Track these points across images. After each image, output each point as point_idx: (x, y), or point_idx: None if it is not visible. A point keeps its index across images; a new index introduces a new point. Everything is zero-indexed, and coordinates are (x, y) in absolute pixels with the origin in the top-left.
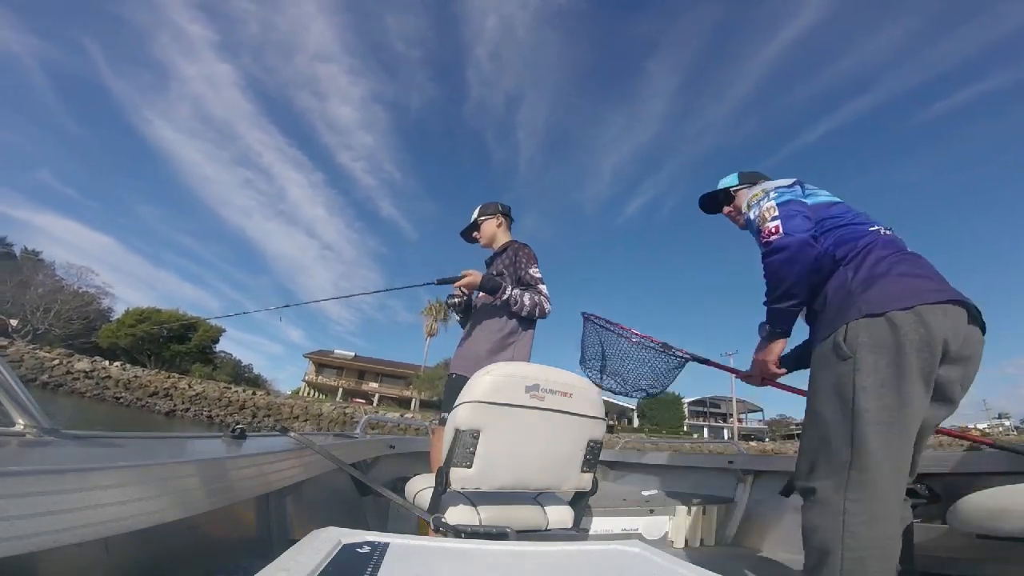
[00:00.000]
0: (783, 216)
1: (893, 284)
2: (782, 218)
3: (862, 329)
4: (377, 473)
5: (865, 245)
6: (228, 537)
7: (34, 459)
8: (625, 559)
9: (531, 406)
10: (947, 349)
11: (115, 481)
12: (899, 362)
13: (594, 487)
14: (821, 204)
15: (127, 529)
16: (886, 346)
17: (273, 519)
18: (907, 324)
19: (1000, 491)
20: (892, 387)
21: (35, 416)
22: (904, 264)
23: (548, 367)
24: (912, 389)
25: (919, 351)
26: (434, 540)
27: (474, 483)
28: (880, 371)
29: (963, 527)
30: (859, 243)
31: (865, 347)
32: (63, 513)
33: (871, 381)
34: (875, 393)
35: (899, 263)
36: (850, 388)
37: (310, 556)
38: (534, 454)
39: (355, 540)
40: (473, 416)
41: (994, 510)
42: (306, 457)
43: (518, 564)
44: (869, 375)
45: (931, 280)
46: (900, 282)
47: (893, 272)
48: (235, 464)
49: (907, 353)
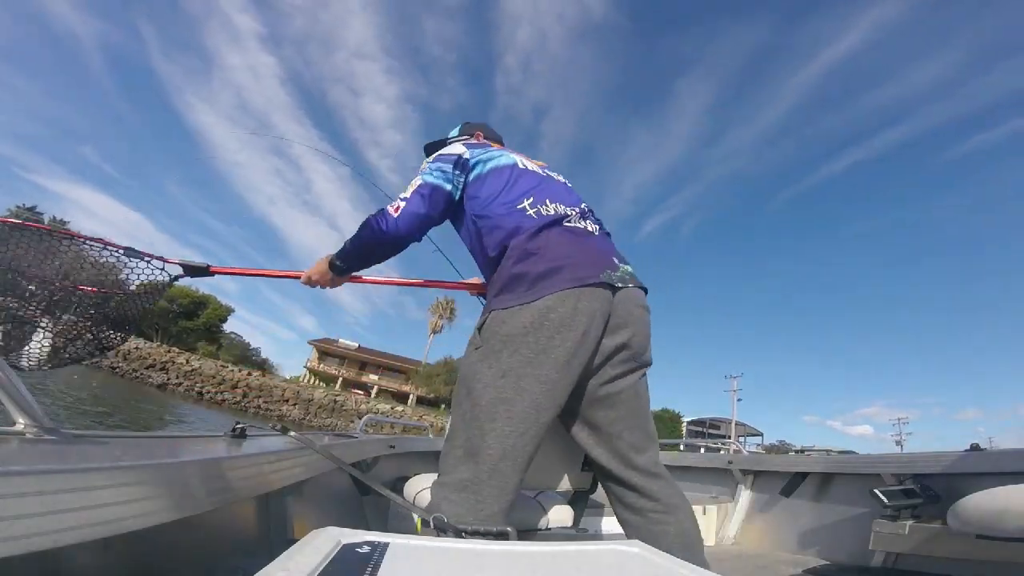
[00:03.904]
0: (412, 199)
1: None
2: (409, 201)
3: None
4: (377, 473)
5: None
6: (228, 537)
7: (34, 459)
8: (625, 559)
9: None
10: None
11: (115, 481)
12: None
13: (593, 486)
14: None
15: (127, 529)
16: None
17: (273, 519)
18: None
19: (1000, 491)
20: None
21: (35, 416)
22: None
23: None
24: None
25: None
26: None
27: None
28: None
29: (963, 527)
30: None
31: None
32: (63, 513)
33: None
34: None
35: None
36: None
37: (310, 556)
38: (540, 454)
39: (355, 540)
40: None
41: (994, 510)
42: (306, 457)
43: (518, 564)
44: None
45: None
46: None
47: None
48: (235, 464)
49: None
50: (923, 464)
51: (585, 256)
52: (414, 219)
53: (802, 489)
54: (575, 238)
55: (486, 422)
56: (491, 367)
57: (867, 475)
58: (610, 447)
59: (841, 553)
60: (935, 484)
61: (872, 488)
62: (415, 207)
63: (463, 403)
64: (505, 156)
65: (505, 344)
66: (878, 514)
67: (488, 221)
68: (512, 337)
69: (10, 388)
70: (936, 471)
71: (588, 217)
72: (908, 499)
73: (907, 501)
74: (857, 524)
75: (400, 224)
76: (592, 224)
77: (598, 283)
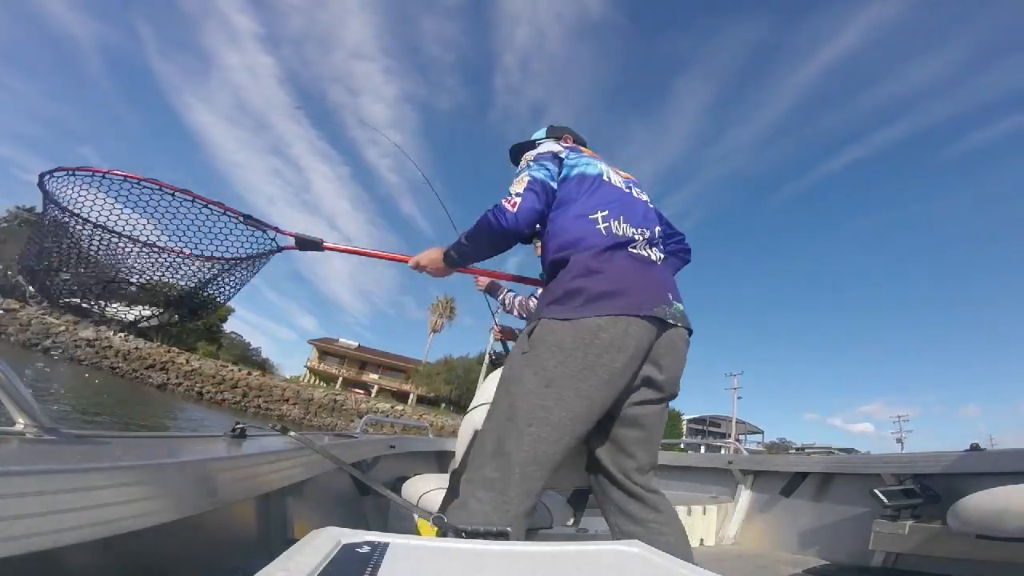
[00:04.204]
0: (526, 195)
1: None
2: (524, 197)
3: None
4: (377, 473)
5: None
6: (228, 537)
7: (34, 459)
8: (625, 559)
9: None
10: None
11: (115, 481)
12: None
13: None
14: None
15: (127, 529)
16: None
17: (273, 519)
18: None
19: (1000, 491)
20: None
21: (35, 416)
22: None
23: None
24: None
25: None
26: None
27: None
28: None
29: (963, 527)
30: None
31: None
32: (63, 513)
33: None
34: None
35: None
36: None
37: (310, 556)
38: None
39: (355, 540)
40: None
41: (994, 510)
42: (306, 457)
43: (518, 564)
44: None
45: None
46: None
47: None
48: (235, 464)
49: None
50: (923, 464)
51: (644, 286)
52: (532, 214)
53: (802, 489)
54: (638, 265)
55: (523, 425)
56: (536, 374)
57: (867, 475)
58: (623, 461)
59: (841, 553)
60: (935, 484)
61: (872, 488)
62: (532, 202)
63: (501, 403)
64: (593, 165)
65: (553, 354)
66: (878, 514)
67: (558, 225)
68: (561, 348)
69: (10, 388)
70: (936, 471)
71: (656, 244)
72: (908, 499)
73: (907, 501)
74: (857, 524)
75: (520, 219)
76: (658, 252)
77: (651, 316)
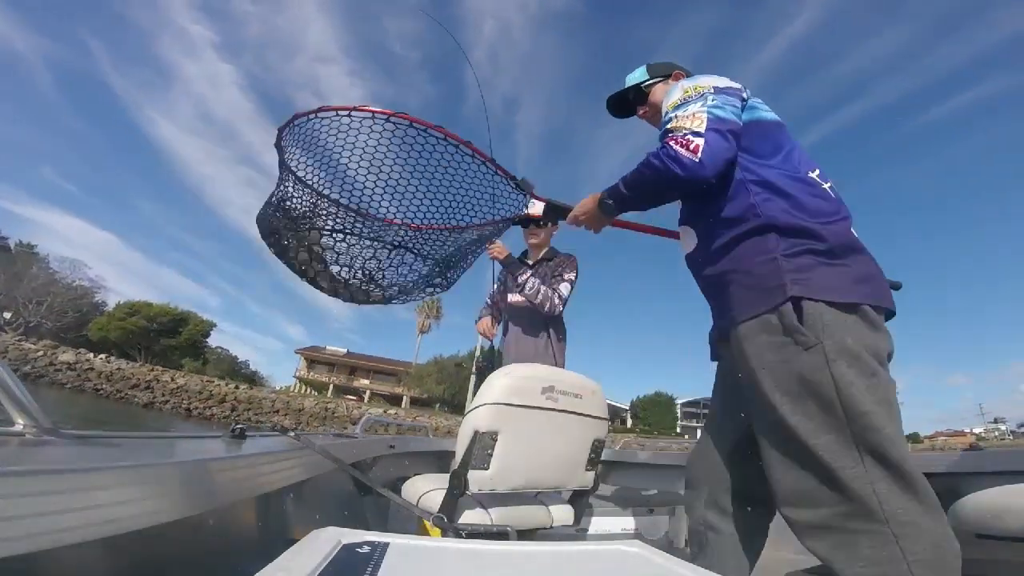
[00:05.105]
0: (711, 137)
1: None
2: (708, 140)
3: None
4: (377, 473)
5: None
6: (227, 537)
7: (34, 459)
8: (625, 559)
9: (546, 407)
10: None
11: (115, 481)
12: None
13: (595, 485)
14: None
15: (127, 529)
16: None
17: (273, 519)
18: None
19: (1000, 491)
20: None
21: (35, 416)
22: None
23: (560, 369)
24: None
25: None
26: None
27: (490, 485)
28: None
29: (963, 527)
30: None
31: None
32: (63, 513)
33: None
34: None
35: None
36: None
37: (310, 556)
38: (547, 454)
39: (355, 540)
40: (492, 418)
41: (994, 510)
42: (306, 457)
43: (518, 564)
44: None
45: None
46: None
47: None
48: (235, 464)
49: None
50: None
51: (879, 271)
52: (721, 161)
53: None
54: (863, 246)
55: (891, 423)
56: (851, 367)
57: None
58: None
59: None
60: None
61: None
62: (721, 146)
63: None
64: (768, 110)
65: (854, 343)
66: None
67: (762, 182)
68: (860, 339)
69: (10, 388)
70: (936, 470)
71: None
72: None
73: None
74: None
75: (707, 164)
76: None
77: (891, 309)
